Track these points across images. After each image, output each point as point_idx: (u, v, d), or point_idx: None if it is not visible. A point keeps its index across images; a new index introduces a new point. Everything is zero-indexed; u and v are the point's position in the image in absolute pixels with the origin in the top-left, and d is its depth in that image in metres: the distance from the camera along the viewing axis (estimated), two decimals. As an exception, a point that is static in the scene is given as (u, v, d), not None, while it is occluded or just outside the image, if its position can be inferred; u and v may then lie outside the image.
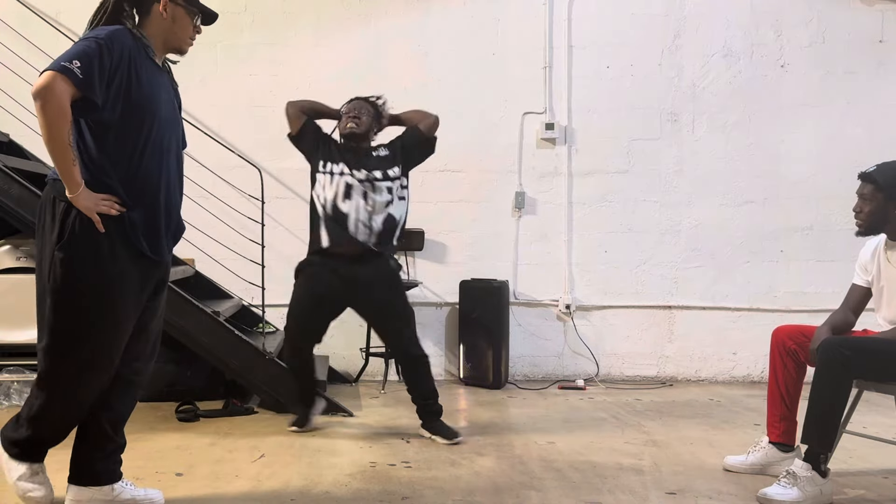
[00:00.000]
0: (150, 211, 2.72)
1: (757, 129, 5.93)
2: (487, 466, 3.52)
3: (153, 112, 2.70)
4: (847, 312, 3.42)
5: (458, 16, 5.85)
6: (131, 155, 2.67)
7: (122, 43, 2.63)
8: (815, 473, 3.01)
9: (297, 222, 5.72)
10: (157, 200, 2.74)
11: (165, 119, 2.76)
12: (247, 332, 4.69)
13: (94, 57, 2.53)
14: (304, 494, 3.09)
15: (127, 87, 2.63)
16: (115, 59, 2.59)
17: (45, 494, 2.87)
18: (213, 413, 4.39)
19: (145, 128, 2.68)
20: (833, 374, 3.01)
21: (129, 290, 2.69)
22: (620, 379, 5.85)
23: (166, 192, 2.77)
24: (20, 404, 4.49)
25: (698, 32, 5.93)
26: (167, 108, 2.79)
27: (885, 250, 3.30)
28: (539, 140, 5.89)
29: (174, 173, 2.83)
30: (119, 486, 2.88)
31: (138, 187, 2.69)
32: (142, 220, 2.70)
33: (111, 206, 2.62)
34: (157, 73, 2.78)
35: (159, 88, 2.76)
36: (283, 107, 5.72)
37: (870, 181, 3.24)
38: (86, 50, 2.53)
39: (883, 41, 5.95)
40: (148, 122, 2.69)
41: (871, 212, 3.23)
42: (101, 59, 2.55)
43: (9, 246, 4.63)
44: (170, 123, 2.79)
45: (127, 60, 2.63)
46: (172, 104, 2.86)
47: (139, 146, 2.68)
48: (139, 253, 2.70)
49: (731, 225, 5.93)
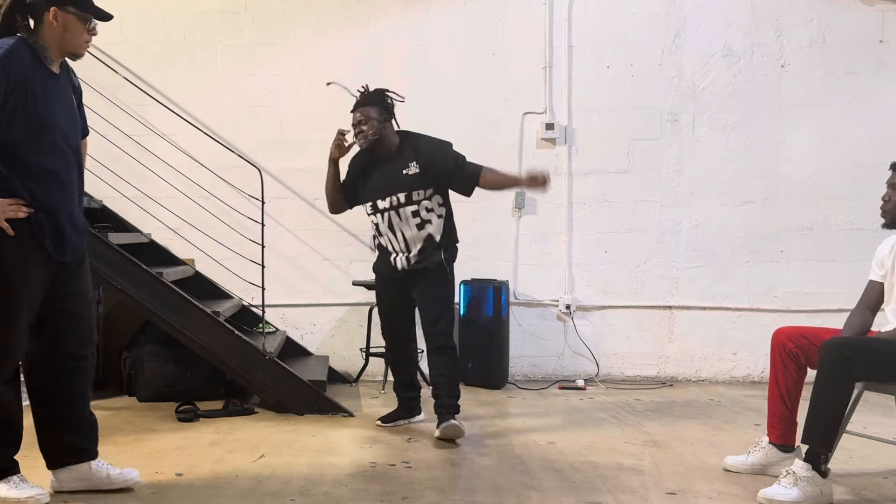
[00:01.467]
0: (53, 212, 2.86)
1: (757, 129, 5.93)
2: (487, 466, 3.52)
3: (50, 123, 2.85)
4: (864, 312, 3.37)
5: (458, 16, 5.85)
6: (32, 163, 2.81)
7: (20, 62, 2.77)
8: (815, 474, 3.01)
9: (297, 222, 5.73)
10: (60, 202, 2.88)
11: (62, 125, 2.90)
12: (247, 332, 4.68)
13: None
14: (304, 494, 3.09)
15: (23, 106, 2.77)
16: (10, 82, 2.73)
17: (39, 492, 2.91)
18: (213, 413, 4.39)
19: (44, 138, 2.83)
20: (835, 374, 3.00)
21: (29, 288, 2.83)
22: (620, 379, 5.85)
23: (67, 193, 2.92)
24: (20, 404, 4.49)
25: (698, 32, 5.93)
26: (63, 114, 2.92)
27: None
28: (539, 140, 5.89)
29: (73, 174, 2.96)
30: (95, 464, 3.03)
31: (42, 191, 2.83)
32: (47, 221, 2.84)
33: (18, 209, 2.77)
34: (53, 81, 2.90)
35: (55, 98, 2.89)
36: (283, 107, 5.75)
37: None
38: None
39: (883, 41, 5.95)
40: (46, 132, 2.83)
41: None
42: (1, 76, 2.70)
43: None
44: (67, 128, 2.93)
45: (23, 81, 2.77)
46: (70, 107, 2.98)
47: (38, 154, 2.82)
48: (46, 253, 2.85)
49: (731, 225, 5.93)
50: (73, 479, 3.01)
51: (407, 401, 4.30)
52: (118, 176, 4.91)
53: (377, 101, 4.08)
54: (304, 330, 5.73)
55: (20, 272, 2.80)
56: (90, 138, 3.26)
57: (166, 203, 5.13)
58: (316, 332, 5.75)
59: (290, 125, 5.74)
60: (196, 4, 5.68)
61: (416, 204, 4.00)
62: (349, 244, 5.75)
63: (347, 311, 5.76)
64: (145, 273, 4.37)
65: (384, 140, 4.06)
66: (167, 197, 5.14)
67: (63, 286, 2.94)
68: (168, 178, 5.10)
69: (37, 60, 2.83)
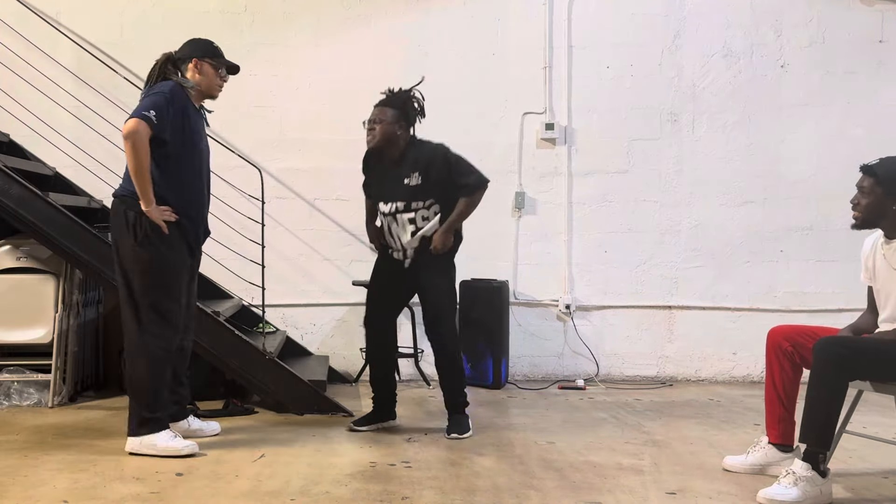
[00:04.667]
0: (192, 219, 3.73)
1: (757, 129, 5.94)
2: (487, 466, 3.52)
3: (197, 146, 3.73)
4: (869, 314, 3.37)
5: (458, 16, 5.85)
6: (182, 178, 3.67)
7: (180, 95, 3.64)
8: (814, 473, 3.01)
9: (297, 222, 5.73)
10: (198, 211, 3.77)
11: (203, 151, 3.79)
12: (247, 332, 4.69)
13: (163, 107, 3.53)
14: (304, 494, 3.09)
15: (182, 128, 3.62)
16: (176, 108, 3.59)
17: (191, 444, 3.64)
18: (213, 413, 4.39)
19: (192, 158, 3.70)
20: (828, 373, 3.00)
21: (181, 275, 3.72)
22: (620, 379, 5.85)
23: (201, 205, 3.81)
24: (20, 404, 4.50)
25: (698, 32, 5.93)
26: (204, 141, 3.81)
27: (881, 247, 3.27)
28: (539, 140, 5.89)
29: (206, 191, 3.85)
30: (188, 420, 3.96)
31: (190, 198, 3.71)
32: (189, 223, 3.70)
33: (170, 215, 3.60)
34: (198, 116, 3.79)
35: (200, 128, 3.78)
36: (283, 107, 5.74)
37: (870, 174, 3.20)
38: (157, 102, 3.54)
39: (883, 41, 5.95)
40: (195, 154, 3.72)
41: (868, 205, 3.20)
42: (168, 108, 3.54)
43: (9, 246, 4.62)
44: (205, 154, 3.82)
45: (182, 108, 3.62)
46: (205, 136, 3.84)
47: (186, 171, 3.68)
48: (188, 247, 3.73)
49: (731, 225, 5.93)
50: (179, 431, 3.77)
51: (381, 400, 4.20)
52: (118, 176, 4.89)
53: (398, 105, 4.06)
54: (304, 330, 5.73)
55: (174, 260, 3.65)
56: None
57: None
58: (316, 332, 5.75)
59: (290, 125, 5.74)
60: (196, 4, 5.68)
61: (413, 212, 4.02)
62: (349, 244, 5.75)
63: (347, 311, 5.76)
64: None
65: (392, 145, 4.06)
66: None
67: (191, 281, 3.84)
68: (168, 178, 5.09)
69: (188, 98, 3.70)
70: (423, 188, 4.01)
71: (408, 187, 4.01)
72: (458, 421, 4.08)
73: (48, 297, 4.56)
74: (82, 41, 5.33)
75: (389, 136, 4.03)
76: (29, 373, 4.54)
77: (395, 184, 4.03)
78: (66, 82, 5.19)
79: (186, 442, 3.61)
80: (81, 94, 5.21)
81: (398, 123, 4.04)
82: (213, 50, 3.80)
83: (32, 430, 4.00)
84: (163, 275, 3.61)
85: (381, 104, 4.07)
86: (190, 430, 3.88)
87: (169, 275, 3.63)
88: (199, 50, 3.76)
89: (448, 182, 4.03)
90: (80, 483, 3.16)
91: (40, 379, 4.54)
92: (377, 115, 4.04)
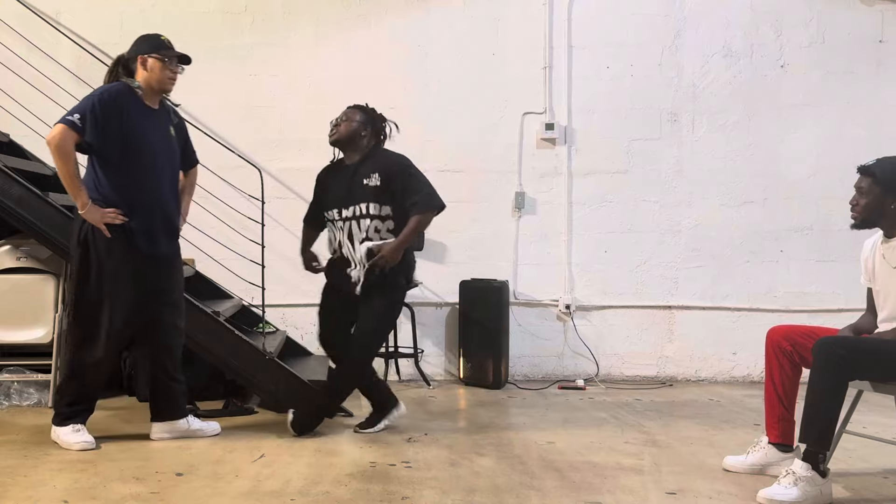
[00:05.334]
0: (145, 219, 3.66)
1: (757, 129, 5.94)
2: (487, 466, 3.52)
3: (143, 145, 3.65)
4: (869, 315, 3.38)
5: (458, 16, 5.85)
6: (128, 178, 3.62)
7: (115, 95, 3.61)
8: (814, 473, 3.01)
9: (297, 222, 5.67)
10: (152, 208, 3.69)
11: (156, 149, 3.70)
12: (247, 332, 4.68)
13: (89, 110, 3.53)
14: (304, 494, 3.09)
15: (119, 128, 3.57)
16: (108, 110, 3.55)
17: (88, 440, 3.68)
18: (213, 413, 4.39)
19: (137, 158, 3.63)
20: (828, 373, 3.00)
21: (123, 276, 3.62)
22: (620, 379, 5.85)
23: (160, 201, 3.72)
24: (20, 404, 4.51)
25: (698, 32, 5.93)
26: (158, 138, 3.73)
27: (881, 246, 3.28)
28: (539, 140, 5.89)
29: (167, 187, 3.77)
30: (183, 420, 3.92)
31: (137, 199, 3.63)
32: (138, 224, 3.63)
33: (115, 216, 3.58)
34: (149, 113, 3.72)
35: (150, 125, 3.70)
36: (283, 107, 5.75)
37: (868, 174, 3.21)
38: (83, 106, 3.55)
39: (883, 41, 5.95)
40: (141, 153, 3.64)
41: (866, 205, 3.21)
42: (95, 112, 3.53)
43: (9, 246, 4.62)
44: (162, 151, 3.74)
45: (120, 109, 3.59)
46: (165, 135, 3.78)
47: (133, 171, 3.63)
48: (138, 250, 3.64)
49: (731, 225, 5.93)
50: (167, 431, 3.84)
51: (375, 398, 4.20)
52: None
53: (368, 112, 4.09)
54: (304, 330, 5.73)
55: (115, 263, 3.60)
56: None
57: (166, 203, 5.12)
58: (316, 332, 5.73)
59: (290, 125, 5.74)
60: (196, 4, 5.69)
61: (370, 219, 3.94)
62: (349, 244, 5.75)
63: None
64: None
65: (354, 145, 4.02)
66: (167, 197, 5.13)
67: (161, 276, 3.77)
68: (168, 178, 5.09)
69: (135, 97, 3.67)
70: (382, 191, 3.92)
71: (368, 188, 3.92)
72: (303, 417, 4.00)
73: (48, 297, 4.56)
74: (82, 41, 5.33)
75: (353, 134, 4.00)
76: (29, 373, 4.54)
77: (356, 186, 3.94)
78: (66, 82, 5.18)
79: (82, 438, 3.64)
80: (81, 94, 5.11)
81: (364, 127, 4.04)
82: (157, 44, 3.72)
83: (32, 430, 3.99)
84: (101, 276, 3.60)
85: (353, 106, 4.11)
86: (190, 431, 3.90)
87: (108, 277, 3.60)
88: (144, 47, 3.72)
89: (404, 196, 3.93)
90: (80, 483, 3.16)
91: (40, 379, 4.54)
92: (346, 114, 4.07)
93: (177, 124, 3.91)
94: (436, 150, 5.77)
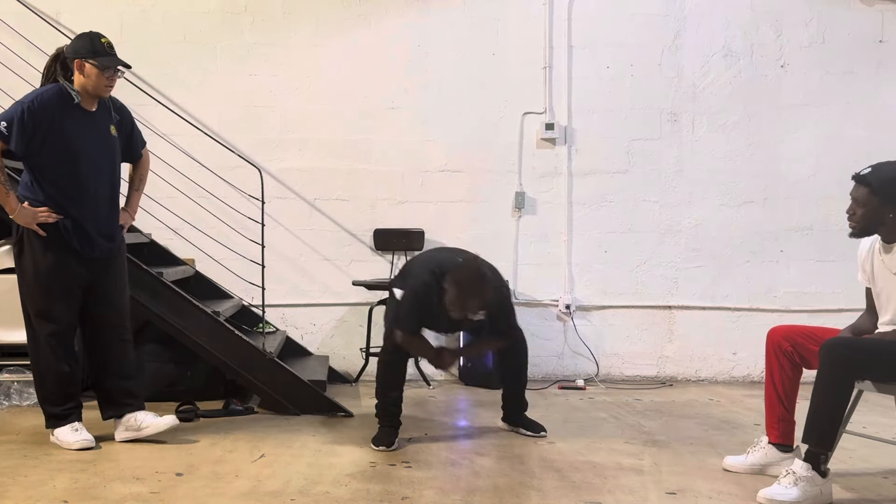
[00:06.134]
0: (79, 220, 3.63)
1: (757, 129, 5.94)
2: (487, 466, 3.52)
3: (76, 149, 3.60)
4: (868, 314, 3.36)
5: (458, 16, 5.85)
6: (61, 182, 3.60)
7: (45, 103, 3.56)
8: (815, 473, 3.01)
9: (297, 222, 5.74)
10: (86, 211, 3.64)
11: (90, 151, 3.64)
12: (247, 332, 4.68)
13: (15, 118, 3.51)
14: (304, 494, 3.09)
15: (48, 135, 3.55)
16: (36, 118, 3.52)
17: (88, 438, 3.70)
18: (213, 413, 4.39)
19: (69, 162, 3.59)
20: (835, 375, 2.99)
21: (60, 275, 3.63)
22: (620, 379, 5.85)
23: (94, 204, 3.67)
24: (20, 404, 4.51)
25: (698, 32, 5.93)
26: (93, 141, 3.66)
27: (880, 252, 3.26)
28: (539, 140, 5.89)
29: (103, 190, 3.71)
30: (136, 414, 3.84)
31: (70, 203, 3.60)
32: (73, 226, 3.61)
33: (48, 215, 3.57)
34: (84, 116, 3.65)
35: (84, 129, 3.63)
36: (283, 107, 5.75)
37: (864, 184, 3.15)
38: (12, 113, 3.54)
39: (883, 41, 5.95)
40: (71, 157, 3.59)
41: (864, 215, 3.15)
42: (23, 119, 3.51)
43: (8, 246, 4.61)
44: (98, 152, 3.68)
45: (49, 115, 3.55)
46: (103, 136, 3.70)
47: (65, 175, 3.59)
48: (73, 250, 3.63)
49: (731, 225, 5.93)
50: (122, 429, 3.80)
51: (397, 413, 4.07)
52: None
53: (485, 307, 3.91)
54: (304, 330, 5.73)
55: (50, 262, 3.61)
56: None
57: (166, 203, 5.12)
58: (316, 332, 5.75)
59: (290, 125, 5.74)
60: (196, 4, 5.69)
61: None
62: (349, 244, 5.76)
63: (347, 311, 5.76)
64: (145, 273, 4.36)
65: None
66: (167, 197, 5.13)
67: (98, 277, 3.73)
68: (168, 178, 5.10)
69: (68, 101, 3.60)
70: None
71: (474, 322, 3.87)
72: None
73: (48, 297, 4.55)
74: (82, 41, 5.33)
75: None
76: (29, 373, 4.53)
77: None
78: (66, 82, 5.18)
79: (82, 436, 3.67)
80: (81, 94, 5.21)
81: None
82: (94, 49, 3.58)
83: (32, 430, 3.99)
84: (38, 276, 3.62)
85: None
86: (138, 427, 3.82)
87: (44, 276, 3.62)
88: (81, 49, 3.59)
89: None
90: (80, 483, 3.16)
91: (40, 379, 4.53)
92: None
93: (118, 121, 3.80)
94: (436, 150, 5.77)
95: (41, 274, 3.62)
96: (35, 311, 3.68)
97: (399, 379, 3.96)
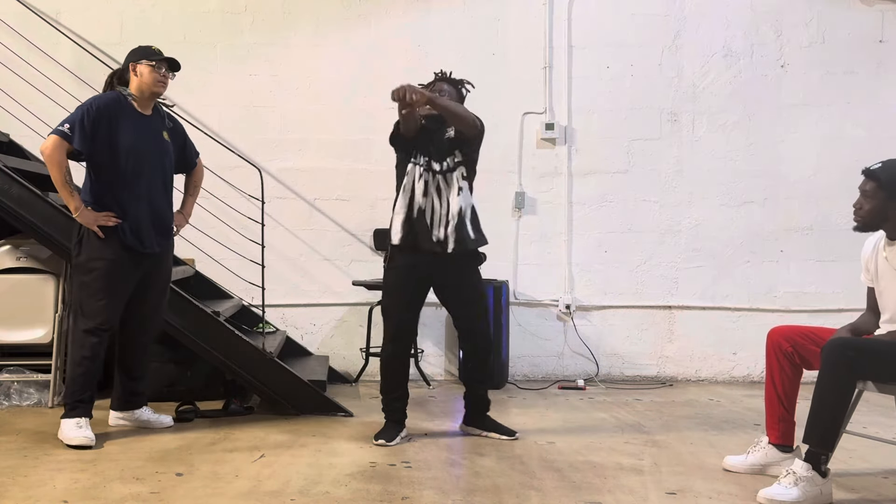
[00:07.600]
0: (137, 219, 3.86)
1: (757, 129, 5.94)
2: (487, 466, 3.52)
3: (132, 150, 3.84)
4: (869, 314, 3.37)
5: (458, 16, 5.85)
6: (119, 181, 3.83)
7: (103, 106, 3.83)
8: (815, 474, 3.01)
9: (297, 222, 5.74)
10: (142, 206, 3.88)
11: (146, 153, 3.89)
12: (247, 332, 4.69)
13: (76, 121, 3.76)
14: (303, 494, 3.09)
15: (107, 136, 3.80)
16: (97, 119, 3.79)
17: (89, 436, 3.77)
18: (213, 413, 4.39)
19: (126, 164, 3.83)
20: (837, 375, 2.99)
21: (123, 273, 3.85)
22: (620, 379, 5.85)
23: (150, 204, 3.91)
24: (20, 404, 4.51)
25: (698, 32, 5.93)
26: (148, 140, 3.92)
27: (884, 249, 3.27)
28: (539, 140, 5.89)
29: (157, 187, 3.96)
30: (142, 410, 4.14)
31: (127, 199, 3.84)
32: (132, 225, 3.85)
33: (108, 219, 3.80)
34: (139, 118, 3.92)
35: (139, 132, 3.89)
36: (283, 107, 5.75)
37: (873, 178, 3.19)
38: (73, 117, 3.79)
39: (883, 41, 5.95)
40: (128, 157, 3.83)
41: (870, 210, 3.19)
42: (84, 122, 3.76)
43: (9, 246, 4.62)
44: (152, 151, 3.93)
45: (107, 118, 3.81)
46: (157, 138, 3.97)
47: (119, 177, 3.83)
48: (131, 248, 3.85)
49: (731, 225, 5.93)
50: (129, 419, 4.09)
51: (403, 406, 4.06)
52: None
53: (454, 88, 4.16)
54: (304, 330, 5.73)
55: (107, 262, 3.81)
56: None
57: (166, 203, 5.12)
58: (316, 332, 5.76)
59: (290, 125, 5.74)
60: (196, 4, 5.69)
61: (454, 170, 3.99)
62: (349, 244, 5.76)
63: (347, 311, 5.76)
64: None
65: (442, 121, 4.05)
66: (167, 197, 5.13)
67: (148, 273, 3.96)
68: (168, 178, 5.09)
69: (125, 104, 3.89)
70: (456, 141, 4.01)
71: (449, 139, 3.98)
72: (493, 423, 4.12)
73: (48, 297, 4.56)
74: (82, 41, 5.33)
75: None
76: (29, 373, 4.54)
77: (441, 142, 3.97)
78: (66, 82, 5.19)
79: (83, 433, 3.72)
80: (81, 94, 5.19)
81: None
82: (144, 52, 3.94)
83: (32, 430, 3.99)
84: (93, 274, 3.81)
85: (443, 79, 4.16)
86: (140, 421, 4.11)
87: (96, 276, 3.80)
88: (134, 56, 3.94)
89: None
90: (80, 483, 3.16)
91: (40, 379, 4.54)
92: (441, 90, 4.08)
93: (171, 128, 4.09)
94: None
95: (97, 273, 3.81)
96: (85, 308, 3.85)
97: (400, 376, 3.98)
